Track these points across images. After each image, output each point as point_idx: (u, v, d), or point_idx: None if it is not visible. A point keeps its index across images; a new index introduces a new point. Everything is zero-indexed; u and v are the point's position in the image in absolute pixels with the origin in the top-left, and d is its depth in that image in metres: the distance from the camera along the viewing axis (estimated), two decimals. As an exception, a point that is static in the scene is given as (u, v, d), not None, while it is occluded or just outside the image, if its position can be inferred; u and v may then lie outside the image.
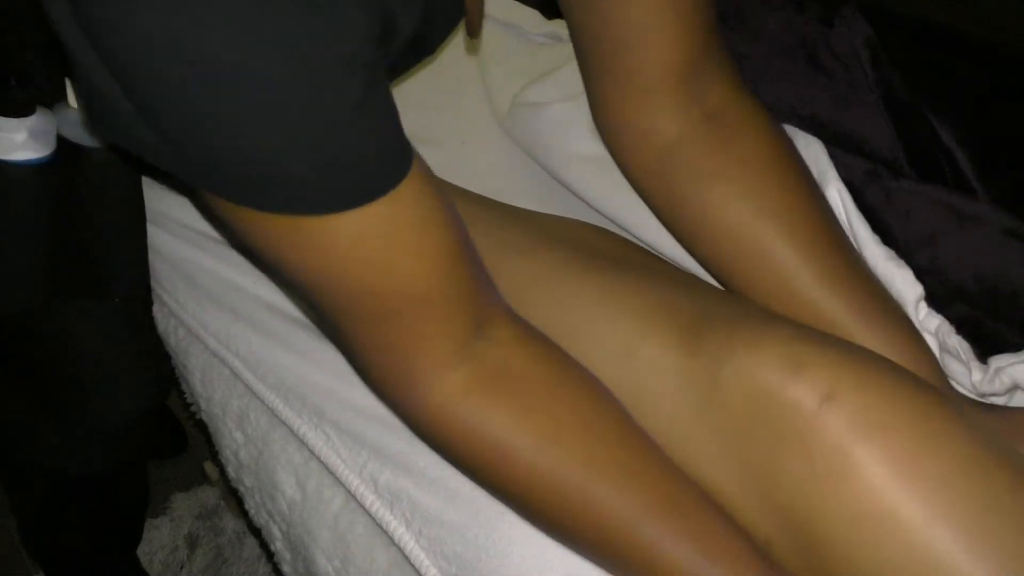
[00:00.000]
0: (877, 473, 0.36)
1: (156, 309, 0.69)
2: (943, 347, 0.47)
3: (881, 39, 0.56)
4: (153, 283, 0.68)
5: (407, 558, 0.47)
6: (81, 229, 0.61)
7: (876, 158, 0.53)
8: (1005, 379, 0.45)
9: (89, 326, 0.67)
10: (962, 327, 0.47)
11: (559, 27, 0.80)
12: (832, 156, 0.53)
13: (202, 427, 0.70)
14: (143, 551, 1.08)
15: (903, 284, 0.49)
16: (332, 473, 0.51)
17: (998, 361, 0.45)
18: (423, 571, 0.46)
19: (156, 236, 0.67)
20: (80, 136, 0.55)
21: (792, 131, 0.57)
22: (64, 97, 0.54)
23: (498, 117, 0.76)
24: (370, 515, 0.49)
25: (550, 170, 0.69)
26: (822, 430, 0.37)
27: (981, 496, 0.35)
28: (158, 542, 1.10)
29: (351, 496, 0.52)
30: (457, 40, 0.86)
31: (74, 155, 0.56)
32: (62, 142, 0.56)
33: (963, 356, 0.46)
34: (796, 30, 0.60)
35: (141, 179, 0.63)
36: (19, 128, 0.53)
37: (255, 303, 0.60)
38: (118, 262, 0.65)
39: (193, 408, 0.73)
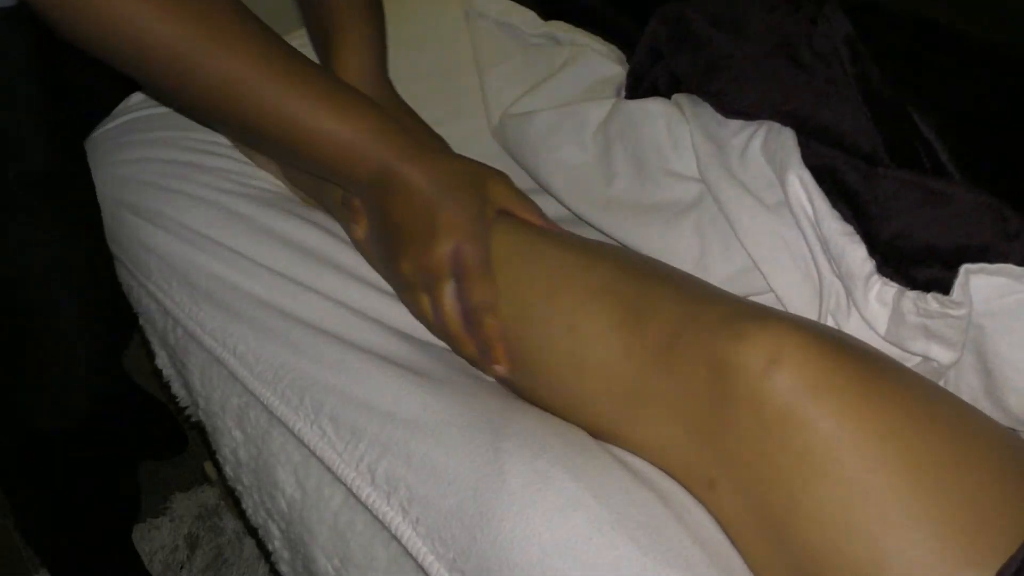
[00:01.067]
0: (824, 428, 0.38)
1: (153, 308, 0.69)
2: (896, 314, 0.48)
3: (865, 35, 0.57)
4: (149, 282, 0.68)
5: (405, 547, 0.47)
6: None
7: (855, 152, 0.54)
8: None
9: (27, 242, 0.65)
10: (931, 287, 0.48)
11: (555, 28, 0.80)
12: (813, 148, 0.54)
13: (201, 428, 0.70)
14: (143, 551, 1.08)
15: (853, 259, 0.50)
16: (328, 468, 0.52)
17: (971, 268, 0.46)
18: (420, 559, 0.46)
19: (153, 235, 0.67)
20: None
21: (768, 124, 0.58)
22: None
23: (490, 123, 0.77)
24: (367, 508, 0.49)
25: (535, 176, 0.70)
26: (770, 390, 0.39)
27: (919, 448, 0.38)
28: (158, 542, 1.10)
29: (349, 491, 0.52)
30: (456, 39, 0.87)
31: None
32: None
33: (915, 317, 0.47)
34: (780, 30, 0.61)
35: (32, 50, 0.63)
36: None
37: (252, 301, 0.60)
38: (19, 134, 0.63)
39: (188, 412, 0.73)
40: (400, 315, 0.59)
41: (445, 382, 0.52)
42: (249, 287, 0.61)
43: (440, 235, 0.51)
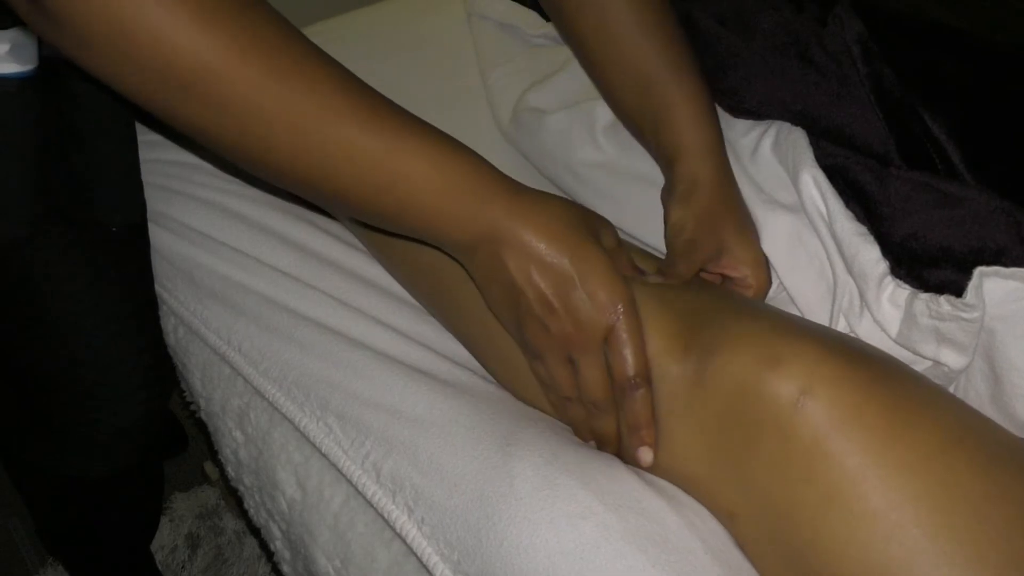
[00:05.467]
0: (850, 463, 0.38)
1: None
2: (908, 317, 0.48)
3: (874, 36, 0.57)
4: (154, 282, 0.68)
5: (409, 547, 0.47)
6: (70, 150, 0.60)
7: (867, 152, 0.54)
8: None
9: (88, 307, 0.64)
10: (943, 289, 0.47)
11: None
12: (824, 148, 0.54)
13: (202, 427, 0.70)
14: (143, 551, 1.08)
15: (866, 260, 0.50)
16: (334, 465, 0.52)
17: (985, 271, 0.46)
18: (425, 559, 0.46)
19: (156, 235, 0.67)
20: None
21: (778, 123, 0.57)
22: None
23: (499, 123, 0.77)
24: (372, 505, 0.49)
25: (553, 178, 0.69)
26: (800, 423, 0.39)
27: (948, 482, 0.37)
28: (158, 542, 1.10)
29: (352, 492, 0.52)
30: (459, 41, 0.87)
31: (59, 73, 0.56)
32: (45, 62, 0.55)
33: (927, 319, 0.47)
34: (789, 28, 0.61)
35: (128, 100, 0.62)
36: (1, 40, 0.52)
37: (257, 298, 0.60)
38: (110, 186, 0.63)
39: (193, 407, 0.73)
40: (403, 314, 0.59)
41: (451, 382, 0.52)
42: (254, 285, 0.61)
43: (588, 304, 0.44)
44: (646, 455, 0.44)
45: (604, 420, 0.46)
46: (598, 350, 0.45)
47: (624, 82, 0.58)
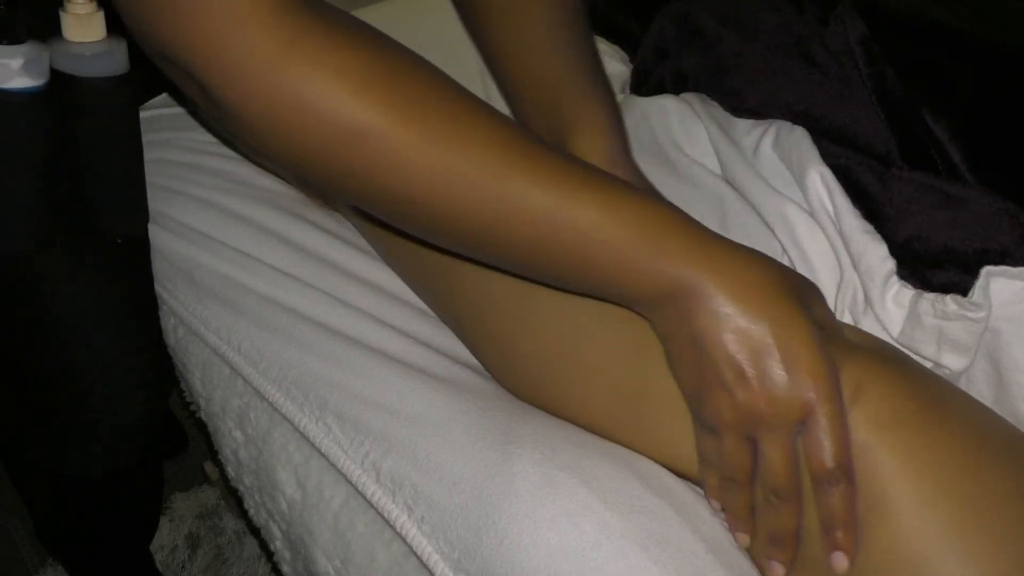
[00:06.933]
0: (888, 464, 0.38)
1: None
2: (912, 316, 0.48)
3: (874, 36, 0.57)
4: (154, 282, 0.68)
5: (409, 546, 0.47)
6: (76, 162, 0.60)
7: (869, 153, 0.54)
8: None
9: (88, 307, 0.64)
10: (947, 291, 0.47)
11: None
12: (826, 149, 0.54)
13: (202, 427, 0.70)
14: (143, 551, 1.08)
15: (873, 258, 0.50)
16: (333, 465, 0.52)
17: (992, 271, 0.46)
18: (425, 558, 0.46)
19: (156, 235, 0.67)
20: (74, 67, 0.55)
21: (778, 123, 0.57)
22: (57, 29, 0.54)
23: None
24: (371, 504, 0.49)
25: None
26: (852, 425, 0.39)
27: (973, 482, 0.37)
28: (158, 542, 1.10)
29: (352, 492, 0.52)
30: (459, 41, 0.86)
31: (67, 86, 0.56)
32: (55, 74, 0.56)
33: (932, 319, 0.47)
34: (791, 29, 0.61)
35: (137, 113, 0.62)
36: (15, 55, 0.53)
37: (257, 298, 0.60)
38: (114, 198, 0.63)
39: (193, 407, 0.73)
40: (402, 313, 0.59)
41: (450, 379, 0.52)
42: (254, 285, 0.61)
43: (786, 378, 0.39)
44: (840, 562, 0.38)
45: (784, 514, 0.40)
46: (790, 431, 0.39)
47: (536, 96, 0.57)
